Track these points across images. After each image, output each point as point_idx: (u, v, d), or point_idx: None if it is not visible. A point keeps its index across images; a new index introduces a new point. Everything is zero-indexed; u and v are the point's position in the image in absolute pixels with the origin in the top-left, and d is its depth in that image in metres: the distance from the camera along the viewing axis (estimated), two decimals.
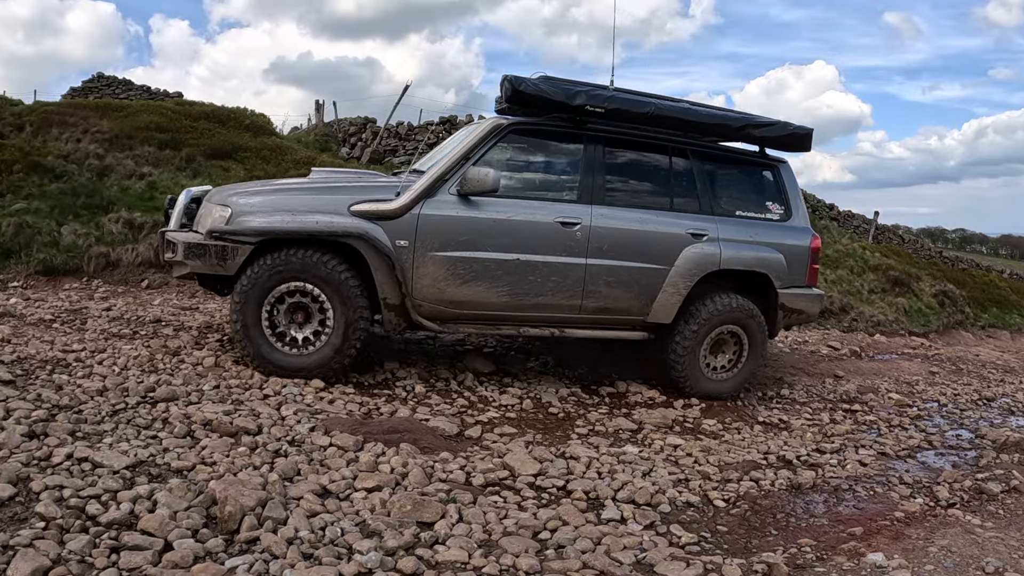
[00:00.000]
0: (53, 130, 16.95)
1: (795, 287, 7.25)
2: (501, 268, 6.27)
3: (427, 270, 6.13)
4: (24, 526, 3.40)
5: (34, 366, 5.70)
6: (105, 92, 27.75)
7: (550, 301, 6.46)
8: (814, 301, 7.52)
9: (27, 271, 10.66)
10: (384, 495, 4.12)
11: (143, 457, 4.27)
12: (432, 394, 6.26)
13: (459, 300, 6.26)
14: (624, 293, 6.66)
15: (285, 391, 5.81)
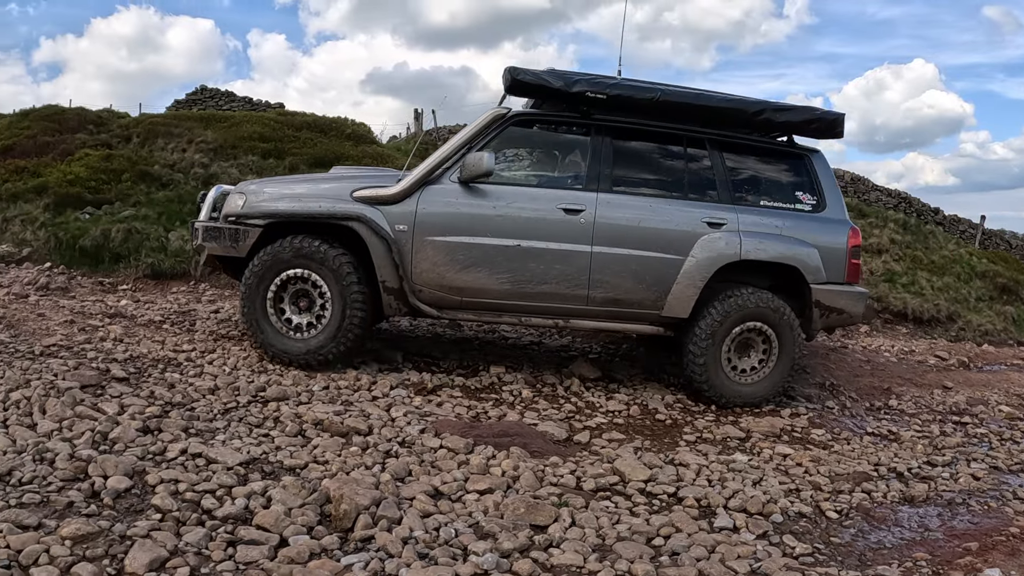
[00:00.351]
0: (159, 141, 17.47)
1: (833, 283, 6.70)
2: (501, 254, 6.25)
3: (426, 255, 6.20)
4: (141, 517, 3.47)
5: (146, 365, 5.87)
6: (208, 104, 28.54)
7: (554, 290, 6.36)
8: (856, 300, 6.88)
9: (136, 275, 11.02)
10: (496, 497, 4.09)
11: (256, 454, 4.34)
12: (539, 399, 6.23)
13: (459, 286, 6.28)
14: (634, 284, 6.42)
15: (393, 393, 5.87)
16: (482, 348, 7.89)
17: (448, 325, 8.91)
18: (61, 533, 3.17)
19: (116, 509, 3.52)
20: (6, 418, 4.42)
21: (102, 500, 3.57)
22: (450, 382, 6.41)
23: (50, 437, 4.19)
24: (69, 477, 3.72)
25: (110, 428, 4.36)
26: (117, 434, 4.28)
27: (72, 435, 4.24)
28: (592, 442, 5.35)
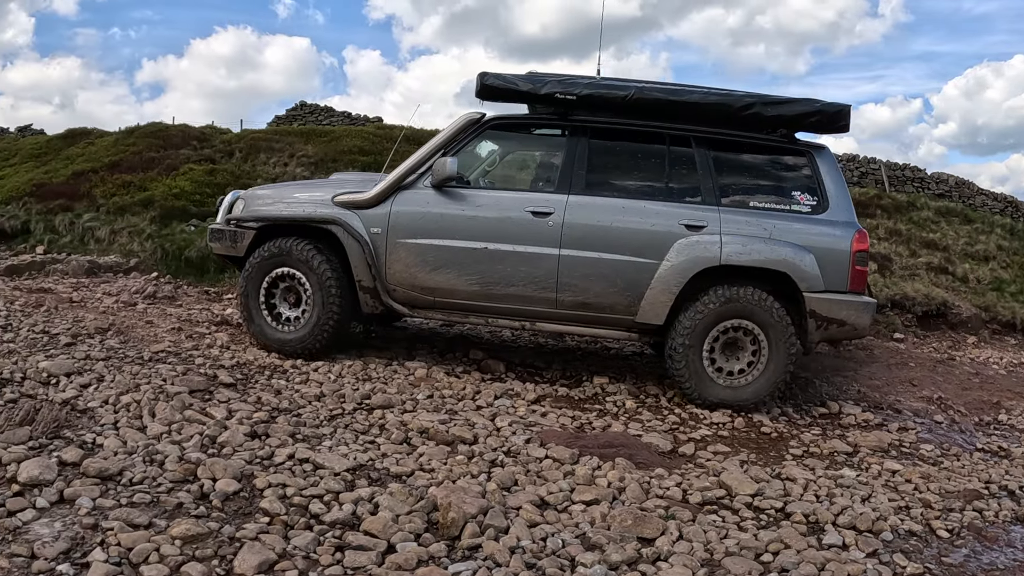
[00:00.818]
0: (261, 155, 17.90)
1: (833, 292, 6.24)
2: (469, 256, 6.36)
3: (398, 256, 6.43)
4: (249, 520, 3.50)
5: (253, 371, 6.00)
6: (308, 119, 29.14)
7: (521, 292, 6.38)
8: (861, 311, 6.32)
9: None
10: (603, 509, 4.03)
11: (362, 461, 4.36)
12: (643, 410, 6.16)
13: (430, 287, 6.45)
14: (604, 288, 6.30)
15: (497, 403, 5.88)
16: (584, 358, 7.86)
17: (550, 336, 8.89)
18: (171, 533, 3.21)
19: (225, 511, 3.57)
20: (117, 420, 4.54)
21: (211, 502, 3.61)
22: (553, 392, 6.41)
23: (160, 440, 4.29)
24: (178, 479, 3.79)
25: (218, 432, 4.44)
26: (225, 438, 4.36)
27: (181, 438, 4.33)
28: (697, 454, 5.26)
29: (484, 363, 6.98)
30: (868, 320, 6.40)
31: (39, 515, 3.30)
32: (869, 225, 15.69)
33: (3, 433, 4.08)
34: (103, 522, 3.26)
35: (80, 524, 3.23)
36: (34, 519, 3.26)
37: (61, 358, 5.64)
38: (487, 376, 6.65)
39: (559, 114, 6.66)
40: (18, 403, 4.56)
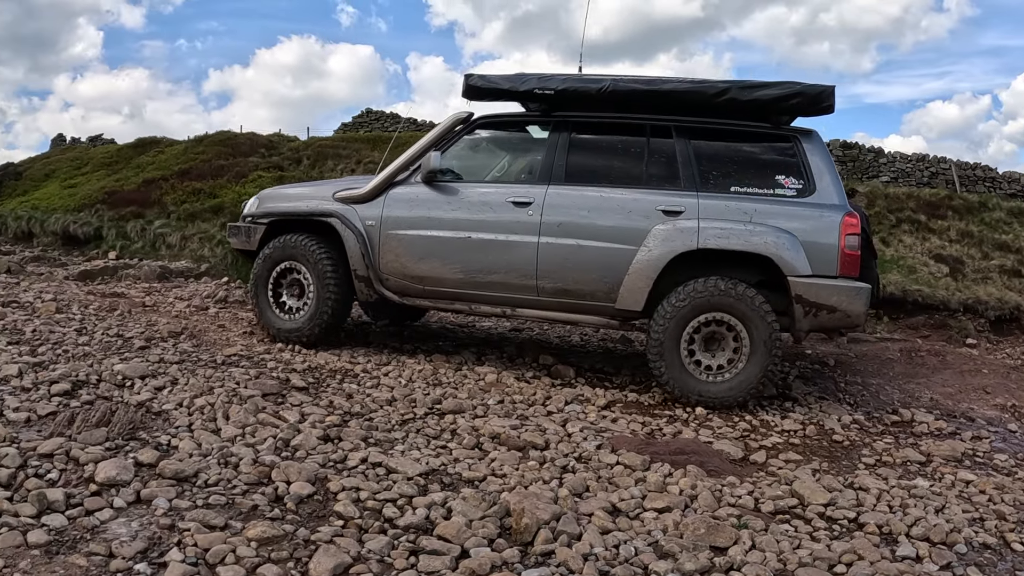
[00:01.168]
0: (328, 162, 18.12)
1: (821, 277, 6.06)
2: (453, 246, 6.64)
3: (390, 246, 6.80)
4: (324, 523, 3.51)
5: (324, 375, 6.07)
6: (374, 126, 29.41)
7: (503, 280, 6.58)
8: (852, 296, 6.09)
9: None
10: (675, 516, 3.97)
11: (435, 466, 4.36)
12: (713, 416, 6.08)
13: (419, 275, 6.76)
14: (583, 275, 6.40)
15: (568, 408, 5.87)
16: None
17: (619, 340, 8.86)
18: (247, 535, 3.23)
19: (299, 514, 3.59)
20: (191, 423, 4.62)
21: (285, 504, 3.64)
22: (623, 398, 6.38)
23: (234, 442, 4.34)
24: (253, 481, 3.82)
25: (292, 435, 4.48)
26: (299, 441, 4.40)
27: (255, 441, 4.38)
28: (769, 462, 5.17)
29: (554, 368, 7.00)
30: (862, 307, 6.15)
31: (116, 515, 3.34)
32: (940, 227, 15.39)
33: (80, 434, 4.16)
34: (180, 523, 3.29)
35: (157, 524, 3.27)
36: (111, 518, 3.30)
37: (135, 361, 5.75)
38: (557, 381, 6.68)
39: (542, 110, 6.96)
40: (94, 405, 4.65)
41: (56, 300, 8.07)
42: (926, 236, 15.14)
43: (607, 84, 6.55)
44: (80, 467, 3.75)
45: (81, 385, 5.11)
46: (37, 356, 5.77)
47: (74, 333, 6.60)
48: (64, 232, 17.72)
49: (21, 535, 3.03)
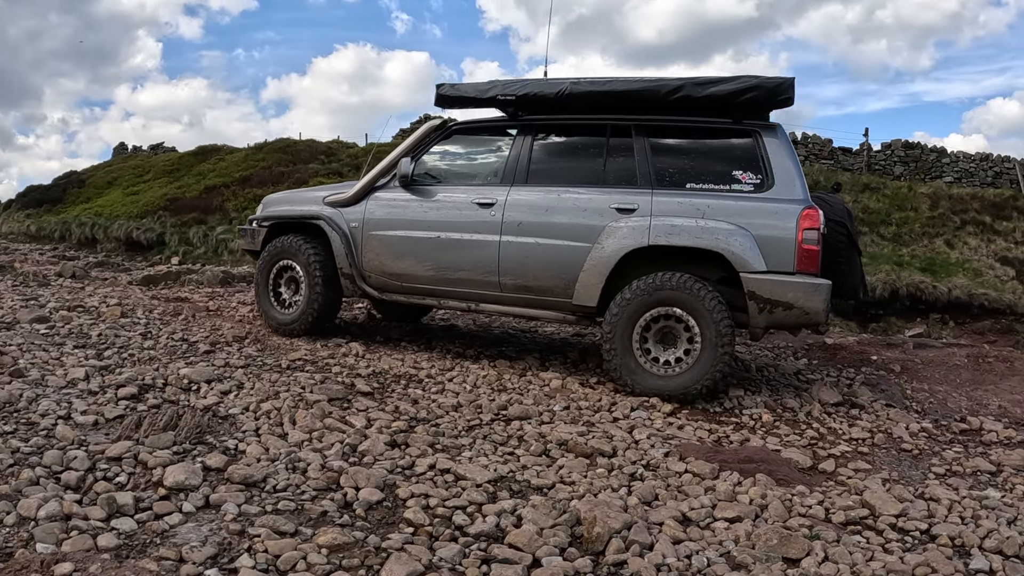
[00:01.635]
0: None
1: (776, 273, 6.01)
2: (425, 245, 7.02)
3: (371, 246, 7.26)
4: (393, 530, 3.48)
5: (389, 380, 6.06)
6: None
7: (469, 276, 6.90)
8: (810, 293, 5.99)
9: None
10: (746, 526, 3.88)
11: (503, 472, 4.32)
12: (780, 424, 6.00)
13: (397, 273, 7.18)
14: (542, 272, 6.61)
15: (634, 415, 5.80)
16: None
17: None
18: (317, 541, 3.20)
19: (369, 520, 3.55)
20: (258, 427, 4.63)
21: (355, 511, 3.61)
22: (689, 404, 6.28)
23: (301, 447, 4.34)
24: (322, 487, 3.80)
25: (359, 441, 4.47)
26: (366, 447, 4.38)
27: (322, 446, 4.37)
28: (838, 471, 5.07)
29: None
30: (820, 304, 6.02)
31: (185, 519, 3.34)
32: (1005, 228, 15.11)
33: (148, 438, 4.18)
34: (249, 528, 3.28)
35: (227, 530, 3.26)
36: (180, 523, 3.30)
37: (201, 365, 5.79)
38: (622, 387, 6.55)
39: (510, 115, 7.33)
40: (161, 408, 4.67)
41: (121, 304, 8.17)
42: (991, 238, 14.90)
43: (565, 87, 6.77)
44: (148, 471, 3.76)
45: (148, 389, 5.15)
46: (103, 360, 5.83)
47: (139, 337, 6.67)
48: (127, 238, 18.06)
49: (91, 538, 3.03)
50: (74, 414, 4.50)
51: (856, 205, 17.22)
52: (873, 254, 14.72)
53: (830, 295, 6.10)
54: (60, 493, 3.43)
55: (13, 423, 4.30)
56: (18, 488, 3.42)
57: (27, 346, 6.05)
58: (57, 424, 4.31)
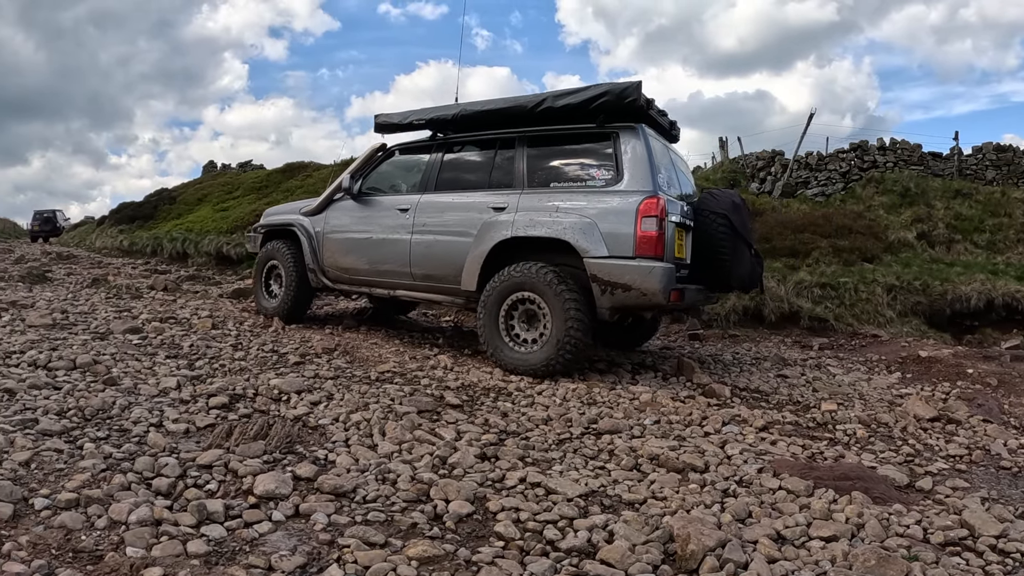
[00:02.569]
0: None
1: (616, 257, 6.62)
2: (363, 244, 8.46)
3: (328, 246, 8.81)
4: (484, 543, 3.43)
5: (478, 393, 6.06)
6: None
7: (390, 268, 8.19)
8: (646, 275, 6.51)
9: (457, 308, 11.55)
10: (843, 546, 3.74)
11: (594, 487, 4.25)
12: (874, 439, 5.85)
13: (345, 267, 8.64)
14: (439, 263, 7.75)
15: (725, 429, 5.71)
16: (810, 383, 7.69)
17: (774, 362, 8.60)
18: (407, 553, 3.16)
19: (459, 533, 3.51)
20: (348, 438, 4.63)
21: (445, 523, 3.57)
22: (781, 419, 6.21)
23: (391, 458, 4.32)
24: (411, 498, 3.78)
25: (449, 453, 4.44)
26: (456, 459, 4.35)
27: (412, 458, 4.35)
28: (935, 489, 4.88)
29: (709, 388, 6.89)
30: (657, 284, 6.51)
31: (275, 528, 3.34)
32: None
33: (239, 446, 4.20)
34: (339, 539, 3.26)
35: (316, 539, 3.24)
36: (270, 531, 3.29)
37: (291, 376, 5.85)
38: (712, 401, 6.57)
39: (432, 136, 8.58)
40: (251, 418, 4.72)
41: (212, 317, 8.33)
42: None
43: (458, 111, 8.12)
44: (239, 479, 3.78)
45: (238, 399, 5.21)
46: (195, 370, 5.93)
47: (230, 348, 6.77)
48: (217, 252, 18.41)
49: (181, 544, 3.04)
50: (166, 422, 4.57)
51: (948, 212, 16.82)
52: (967, 262, 14.37)
53: (671, 278, 6.58)
54: (151, 498, 3.46)
55: (106, 429, 4.38)
56: (110, 492, 3.46)
57: (120, 356, 6.19)
58: (149, 431, 4.38)
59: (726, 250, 7.25)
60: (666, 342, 10.35)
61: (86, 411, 4.62)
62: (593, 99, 7.14)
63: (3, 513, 3.13)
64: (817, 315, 11.51)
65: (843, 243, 14.80)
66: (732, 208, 7.40)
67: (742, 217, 7.58)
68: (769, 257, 14.10)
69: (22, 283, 11.79)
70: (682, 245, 7.01)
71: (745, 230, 7.57)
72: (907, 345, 10.01)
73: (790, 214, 16.77)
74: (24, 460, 3.73)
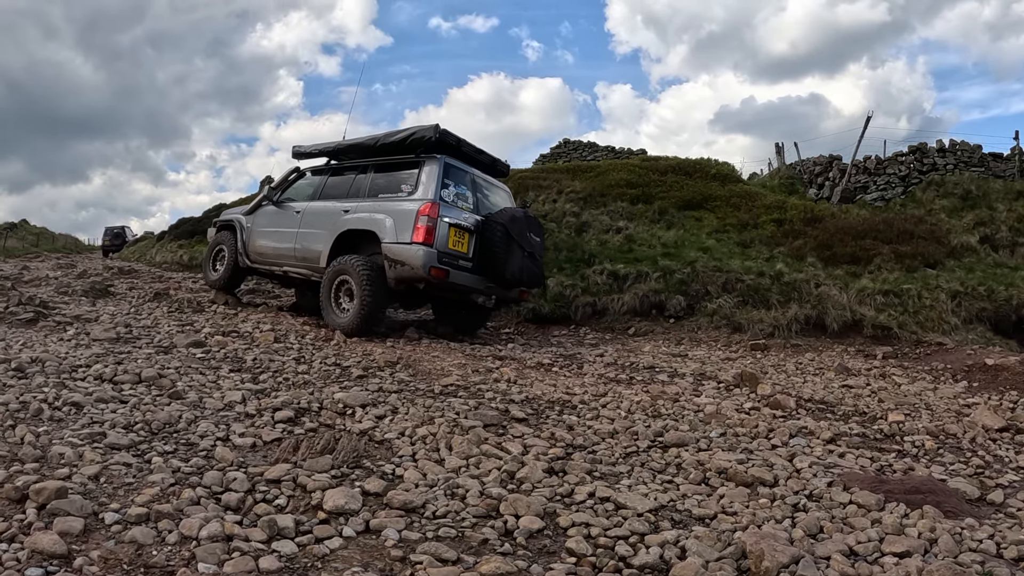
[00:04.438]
0: (530, 193, 18.23)
1: (401, 243, 9.20)
2: (271, 235, 11.31)
3: (252, 237, 11.67)
4: (555, 559, 3.37)
5: (543, 406, 6.00)
6: (572, 156, 29.55)
7: (285, 253, 10.94)
8: (413, 254, 9.05)
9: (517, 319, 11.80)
10: (916, 562, 3.63)
11: (663, 501, 4.18)
12: (943, 451, 5.72)
13: (260, 252, 11.46)
14: (309, 248, 10.46)
15: (793, 442, 5.61)
16: (875, 393, 7.59)
17: (837, 370, 8.46)
18: (480, 570, 3.12)
19: (530, 549, 3.46)
20: (415, 452, 4.61)
21: (515, 539, 3.52)
22: (848, 431, 6.09)
23: (459, 473, 4.29)
24: (481, 514, 3.73)
25: (516, 468, 4.39)
26: (524, 474, 4.31)
27: (480, 472, 4.31)
28: (1007, 503, 4.74)
29: (773, 399, 6.78)
30: (419, 260, 9.02)
31: (346, 544, 3.31)
32: None
33: (306, 461, 4.19)
34: (411, 555, 3.22)
35: (388, 556, 3.21)
36: (341, 547, 3.27)
37: (355, 390, 5.85)
38: (778, 413, 6.48)
39: (327, 161, 11.72)
40: (317, 432, 4.71)
41: (274, 330, 8.38)
42: None
43: (335, 146, 11.40)
44: (307, 494, 3.77)
45: (304, 412, 5.21)
46: (259, 383, 5.95)
47: (293, 362, 6.79)
48: None
49: (252, 560, 3.01)
50: (232, 436, 4.58)
51: (1011, 214, 16.51)
52: None
53: (432, 258, 9.03)
54: (221, 514, 3.45)
55: (173, 443, 4.40)
56: (180, 507, 3.45)
57: (185, 369, 6.24)
58: (216, 445, 4.39)
59: (499, 250, 9.47)
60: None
61: (153, 425, 4.64)
62: (406, 138, 10.14)
63: (74, 528, 3.13)
64: (880, 323, 11.30)
65: (905, 249, 14.58)
66: (510, 220, 9.63)
67: (520, 227, 9.70)
68: (830, 264, 13.93)
69: (85, 297, 11.95)
70: (460, 242, 9.45)
71: (521, 237, 9.70)
72: (973, 353, 9.81)
73: (850, 220, 16.58)
74: (93, 474, 3.74)
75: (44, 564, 2.83)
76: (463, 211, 9.65)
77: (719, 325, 11.58)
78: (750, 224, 16.56)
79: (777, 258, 14.38)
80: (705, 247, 14.80)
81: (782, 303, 11.83)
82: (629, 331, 11.49)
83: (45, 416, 4.66)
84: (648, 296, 12.39)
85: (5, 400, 4.85)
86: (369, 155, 10.78)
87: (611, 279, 12.82)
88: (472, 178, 10.27)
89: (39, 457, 3.91)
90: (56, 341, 7.28)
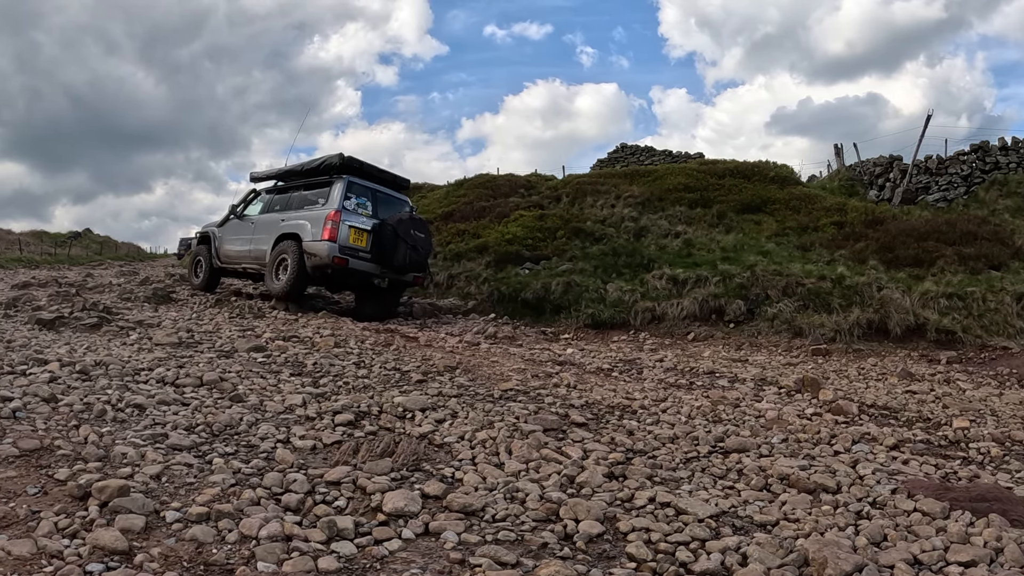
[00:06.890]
0: (587, 199, 18.21)
1: (316, 241, 12.16)
2: (234, 242, 14.26)
3: (221, 244, 14.71)
4: (615, 564, 3.34)
5: (602, 411, 5.98)
6: (630, 160, 29.46)
7: (244, 255, 13.93)
8: (321, 247, 12.07)
9: (576, 324, 11.73)
10: (981, 572, 3.56)
11: (724, 507, 4.13)
12: (1010, 458, 5.59)
13: (227, 256, 14.48)
14: (259, 249, 13.44)
15: (856, 448, 5.52)
16: (939, 399, 7.45)
17: (900, 375, 8.32)
18: (539, 574, 3.10)
19: (589, 554, 3.43)
20: (474, 456, 4.61)
21: (575, 543, 3.50)
22: (911, 437, 5.98)
23: (518, 477, 4.28)
24: (541, 518, 3.72)
25: (576, 472, 4.37)
26: (584, 478, 4.28)
27: (539, 477, 4.30)
28: None
29: (836, 405, 6.70)
30: (325, 251, 12.01)
31: (405, 546, 3.31)
32: None
33: (366, 463, 4.21)
34: (470, 558, 3.21)
35: (447, 558, 3.20)
36: (400, 549, 3.27)
37: (415, 394, 5.87)
38: (840, 419, 6.40)
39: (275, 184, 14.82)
40: (377, 435, 4.73)
41: (334, 335, 8.43)
42: None
43: (279, 171, 14.67)
44: (367, 496, 3.78)
45: (363, 416, 5.24)
46: (319, 387, 5.99)
47: (353, 366, 6.83)
48: None
49: (312, 560, 3.03)
50: (293, 438, 4.62)
51: None
52: None
53: (333, 251, 12.00)
54: (281, 514, 3.48)
55: (234, 445, 4.45)
56: (240, 507, 3.49)
57: (246, 373, 6.30)
58: (277, 447, 4.43)
59: (389, 244, 12.34)
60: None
61: (214, 427, 4.70)
62: (320, 164, 13.39)
63: (135, 525, 3.17)
64: (944, 327, 11.06)
65: (968, 250, 14.32)
66: (398, 222, 12.49)
67: (405, 227, 12.53)
68: (892, 267, 13.71)
69: (148, 303, 12.20)
70: (359, 239, 12.34)
71: (407, 235, 12.49)
72: None
73: (912, 221, 16.31)
74: (155, 473, 3.79)
75: (105, 560, 2.87)
76: (362, 216, 12.74)
77: (779, 330, 11.44)
78: (810, 227, 16.37)
79: (838, 261, 14.21)
80: (764, 251, 14.68)
81: (843, 307, 11.66)
82: (688, 336, 11.39)
83: (108, 417, 4.74)
84: (707, 301, 12.31)
85: (70, 401, 4.94)
86: (299, 177, 14.11)
87: (670, 284, 12.74)
88: (374, 192, 13.34)
89: (102, 456, 3.98)
90: (119, 345, 7.40)
